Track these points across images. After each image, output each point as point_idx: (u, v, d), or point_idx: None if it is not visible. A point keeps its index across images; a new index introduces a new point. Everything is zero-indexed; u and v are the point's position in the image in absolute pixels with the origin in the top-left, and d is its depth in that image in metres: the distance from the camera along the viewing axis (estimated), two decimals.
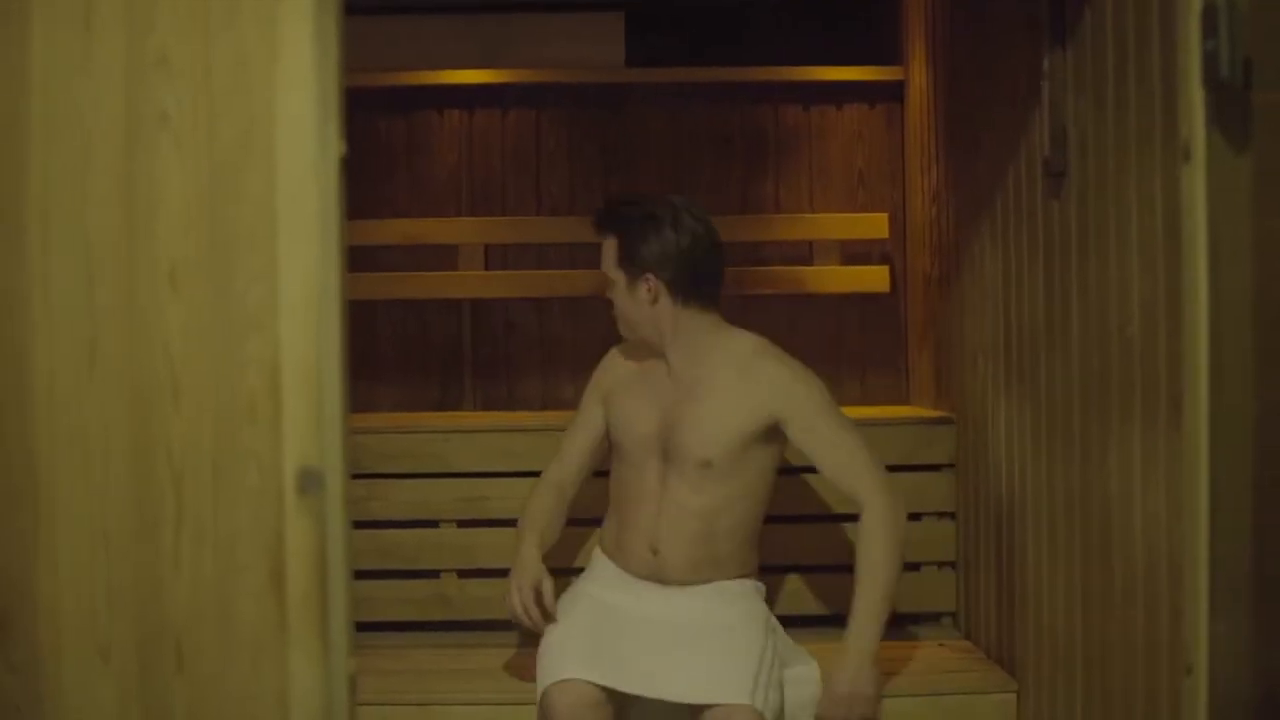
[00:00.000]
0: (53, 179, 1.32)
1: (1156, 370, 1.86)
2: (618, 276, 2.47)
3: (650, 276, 2.44)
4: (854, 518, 2.41)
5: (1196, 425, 1.57)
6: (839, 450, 2.41)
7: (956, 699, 2.58)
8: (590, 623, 2.38)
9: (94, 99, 1.31)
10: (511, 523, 2.93)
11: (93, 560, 1.33)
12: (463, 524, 2.99)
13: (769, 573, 2.90)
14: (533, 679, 2.34)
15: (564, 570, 2.90)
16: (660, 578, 2.45)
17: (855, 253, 3.64)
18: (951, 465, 3.01)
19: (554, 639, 2.36)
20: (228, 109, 1.29)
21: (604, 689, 2.25)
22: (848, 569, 2.95)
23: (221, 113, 1.29)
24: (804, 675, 2.41)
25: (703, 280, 2.47)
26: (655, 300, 2.44)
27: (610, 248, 2.48)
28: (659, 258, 2.42)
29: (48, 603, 1.33)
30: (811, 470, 2.92)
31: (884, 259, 3.64)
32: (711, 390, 2.43)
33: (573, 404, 2.73)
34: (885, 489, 2.38)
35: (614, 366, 2.63)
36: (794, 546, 2.98)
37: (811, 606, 2.98)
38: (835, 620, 2.96)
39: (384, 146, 3.63)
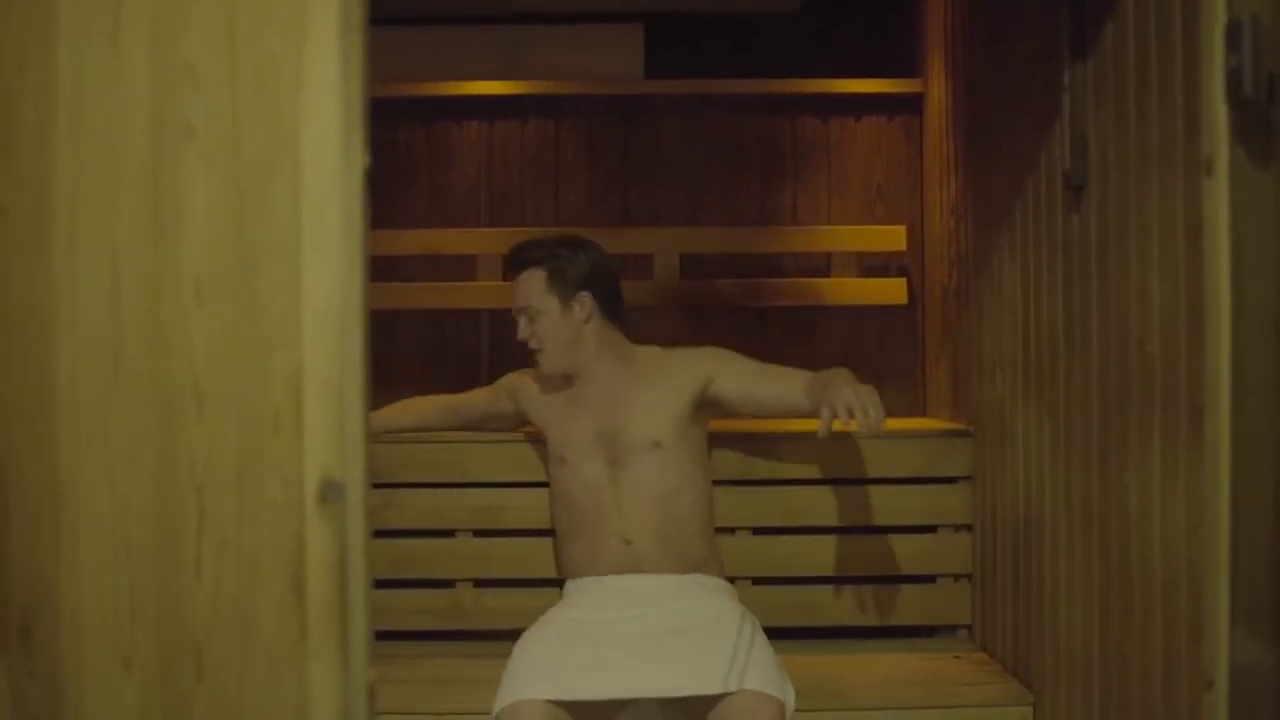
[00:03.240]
0: (79, 191, 1.32)
1: (1177, 384, 1.86)
2: (548, 303, 2.58)
3: (585, 295, 2.59)
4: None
5: (1218, 440, 1.56)
6: (768, 372, 2.62)
7: (972, 712, 2.57)
8: (554, 644, 2.37)
9: (121, 111, 1.32)
10: (528, 533, 2.96)
11: (115, 569, 1.33)
12: (479, 534, 2.99)
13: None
14: None
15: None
16: (636, 567, 2.53)
17: (873, 265, 3.65)
18: (969, 478, 3.00)
19: (514, 664, 2.35)
20: (254, 121, 1.29)
21: (567, 705, 2.22)
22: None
23: (247, 125, 1.29)
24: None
25: (618, 299, 2.66)
26: (588, 318, 2.60)
27: (536, 279, 2.59)
28: (589, 276, 2.60)
29: (70, 611, 1.34)
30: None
31: (901, 271, 3.64)
32: (639, 387, 2.60)
33: None
34: None
35: (527, 389, 2.77)
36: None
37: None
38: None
39: (404, 157, 3.65)
